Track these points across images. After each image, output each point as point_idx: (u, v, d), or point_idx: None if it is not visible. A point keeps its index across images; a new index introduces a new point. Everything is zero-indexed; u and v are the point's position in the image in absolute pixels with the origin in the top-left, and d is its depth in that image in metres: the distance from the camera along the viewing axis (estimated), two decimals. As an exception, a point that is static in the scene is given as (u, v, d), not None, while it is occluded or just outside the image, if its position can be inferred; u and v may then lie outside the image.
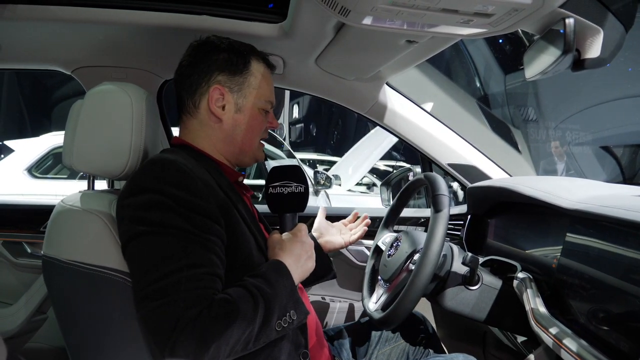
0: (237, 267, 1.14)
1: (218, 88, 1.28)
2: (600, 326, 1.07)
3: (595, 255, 1.15)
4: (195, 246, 1.05)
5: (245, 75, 1.30)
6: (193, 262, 1.03)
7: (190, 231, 1.05)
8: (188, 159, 1.19)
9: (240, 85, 1.30)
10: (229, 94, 1.29)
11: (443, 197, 1.30)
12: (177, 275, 1.00)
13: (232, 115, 1.30)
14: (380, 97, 1.99)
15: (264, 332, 1.05)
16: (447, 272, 1.40)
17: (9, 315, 1.97)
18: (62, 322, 1.21)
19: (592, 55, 1.16)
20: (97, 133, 1.27)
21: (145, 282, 1.02)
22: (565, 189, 1.37)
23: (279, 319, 1.08)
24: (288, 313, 1.10)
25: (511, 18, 1.10)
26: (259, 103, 1.32)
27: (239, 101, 1.30)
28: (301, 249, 1.22)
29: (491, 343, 1.89)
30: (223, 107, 1.29)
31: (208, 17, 1.54)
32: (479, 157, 2.08)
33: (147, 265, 1.04)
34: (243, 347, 1.03)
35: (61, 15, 1.52)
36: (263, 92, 1.33)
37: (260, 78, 1.32)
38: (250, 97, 1.31)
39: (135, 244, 1.07)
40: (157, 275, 1.01)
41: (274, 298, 1.08)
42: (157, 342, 0.99)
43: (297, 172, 1.31)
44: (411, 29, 1.21)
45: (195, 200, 1.09)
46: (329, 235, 1.68)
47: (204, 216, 1.08)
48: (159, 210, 1.06)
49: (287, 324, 1.09)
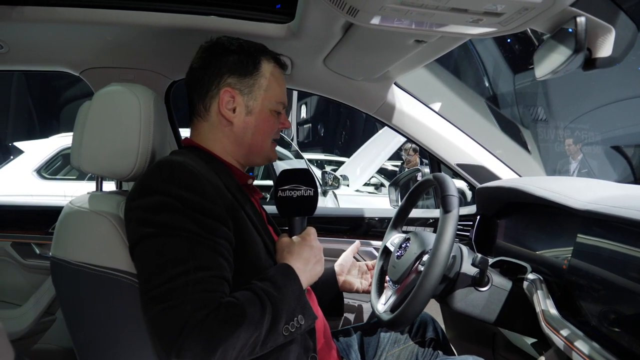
0: (245, 270, 1.13)
1: (228, 91, 1.27)
2: (612, 328, 1.06)
3: (606, 257, 1.13)
4: (203, 249, 1.05)
5: (256, 76, 1.30)
6: (201, 264, 1.03)
7: (198, 233, 1.05)
8: (197, 161, 1.19)
9: (251, 87, 1.29)
10: (240, 96, 1.29)
11: (452, 198, 1.29)
12: (185, 278, 1.00)
13: (242, 118, 1.29)
14: (388, 97, 1.98)
15: (271, 336, 1.05)
16: (457, 273, 1.38)
17: (18, 316, 1.98)
18: (70, 324, 1.21)
19: (603, 54, 1.14)
20: (105, 134, 1.27)
21: (152, 284, 1.02)
22: (575, 189, 1.35)
23: (286, 323, 1.07)
24: (296, 318, 1.09)
25: (521, 17, 1.09)
26: (270, 104, 1.31)
27: (249, 103, 1.29)
28: (310, 253, 1.22)
29: (501, 345, 1.88)
30: (234, 110, 1.29)
31: (215, 18, 1.54)
32: (488, 157, 2.06)
33: (154, 267, 1.03)
34: (250, 352, 1.03)
35: (69, 17, 1.52)
36: (274, 93, 1.32)
37: (270, 79, 1.31)
38: (260, 98, 1.30)
39: (143, 246, 1.07)
40: (164, 277, 1.01)
41: (282, 302, 1.07)
42: (163, 344, 0.99)
43: (307, 176, 1.30)
44: (420, 28, 1.20)
45: (204, 202, 1.08)
46: (349, 276, 1.65)
47: (212, 218, 1.08)
48: (167, 213, 1.06)
49: (294, 329, 1.09)
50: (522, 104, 8.24)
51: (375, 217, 2.18)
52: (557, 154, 7.79)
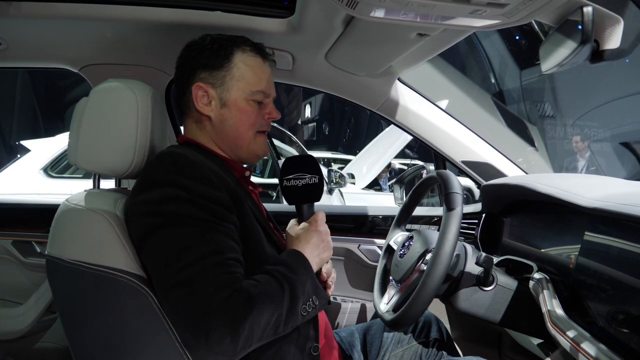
0: (249, 257, 1.14)
1: (200, 86, 1.28)
2: (621, 329, 1.03)
3: (614, 255, 1.11)
4: (215, 233, 1.06)
5: (227, 67, 1.29)
6: (215, 249, 1.03)
7: (207, 219, 1.06)
8: (195, 155, 1.19)
9: (223, 79, 1.29)
10: (212, 89, 1.28)
11: (456, 195, 1.27)
12: (202, 263, 1.01)
13: (218, 111, 1.29)
14: (392, 93, 1.95)
15: (291, 316, 1.07)
16: (461, 272, 1.36)
17: (19, 314, 1.97)
18: (66, 323, 1.20)
19: (611, 46, 1.10)
20: (101, 131, 1.25)
21: (170, 272, 1.02)
22: (583, 186, 1.33)
23: (304, 303, 1.09)
24: (311, 298, 1.11)
25: (526, 8, 1.06)
26: (244, 94, 1.30)
27: (222, 95, 1.29)
28: (318, 238, 1.23)
29: (507, 345, 1.85)
30: (210, 104, 1.29)
31: (215, 13, 1.52)
32: (493, 154, 2.03)
33: (168, 258, 1.03)
34: (274, 332, 1.04)
35: (68, 13, 1.51)
36: (249, 83, 1.30)
37: (244, 68, 1.30)
38: (234, 89, 1.29)
39: (155, 238, 1.06)
40: (181, 264, 1.01)
41: (298, 283, 1.10)
42: (190, 330, 0.98)
43: (311, 163, 1.30)
44: (421, 21, 1.18)
45: (209, 190, 1.09)
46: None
47: (218, 204, 1.09)
48: (174, 202, 1.07)
49: (311, 309, 1.11)
50: (529, 100, 8.18)
51: (380, 215, 2.16)
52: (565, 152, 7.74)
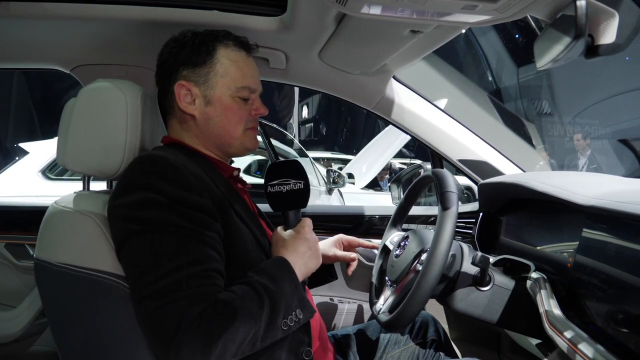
0: (233, 262, 1.11)
1: (182, 84, 1.24)
2: (619, 329, 1.02)
3: (613, 254, 1.10)
4: (194, 242, 1.02)
5: (210, 64, 1.25)
6: (193, 259, 1.00)
7: (186, 227, 1.02)
8: (179, 156, 1.16)
9: (206, 76, 1.25)
10: (195, 87, 1.25)
11: (451, 194, 1.26)
12: (178, 274, 0.97)
13: (202, 109, 1.26)
14: (387, 91, 1.93)
15: (270, 331, 1.03)
16: (457, 272, 1.34)
17: (12, 318, 1.95)
18: (54, 327, 1.18)
19: (606, 40, 1.08)
20: (90, 131, 1.23)
21: (144, 282, 0.99)
22: (580, 184, 1.31)
23: (285, 317, 1.05)
24: (294, 312, 1.07)
25: (519, 3, 1.04)
26: (229, 91, 1.26)
27: (206, 93, 1.25)
28: (304, 246, 1.19)
29: (506, 346, 1.84)
30: (193, 102, 1.26)
31: (206, 11, 1.51)
32: (491, 152, 2.02)
33: (144, 266, 1.00)
34: (251, 347, 1.00)
35: (57, 12, 1.49)
36: (232, 78, 1.27)
37: (227, 64, 1.26)
38: (218, 86, 1.26)
39: (131, 244, 1.03)
40: (156, 274, 0.98)
41: (279, 296, 1.05)
42: (160, 343, 0.95)
43: (295, 168, 1.26)
44: (413, 17, 1.16)
45: (189, 195, 1.06)
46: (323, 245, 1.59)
47: (199, 211, 1.06)
48: (152, 208, 1.03)
49: (293, 323, 1.07)
50: (527, 97, 8.17)
51: (376, 215, 2.14)
52: (565, 150, 7.72)
